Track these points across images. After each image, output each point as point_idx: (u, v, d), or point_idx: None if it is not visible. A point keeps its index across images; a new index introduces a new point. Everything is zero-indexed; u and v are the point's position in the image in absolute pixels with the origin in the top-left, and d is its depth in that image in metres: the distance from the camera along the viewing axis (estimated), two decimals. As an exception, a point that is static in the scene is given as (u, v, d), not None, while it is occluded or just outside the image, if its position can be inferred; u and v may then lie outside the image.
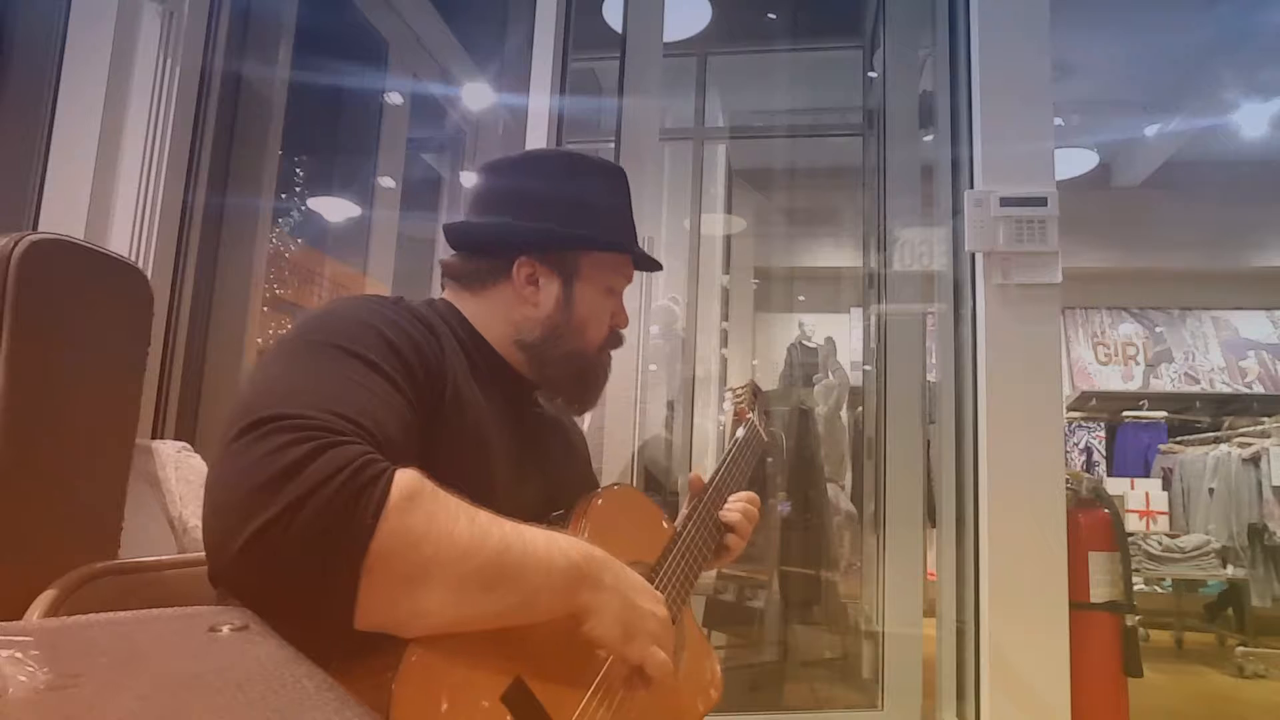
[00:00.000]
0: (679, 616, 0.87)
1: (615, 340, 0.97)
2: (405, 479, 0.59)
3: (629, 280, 0.98)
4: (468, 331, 0.89)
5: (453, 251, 0.95)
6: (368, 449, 0.60)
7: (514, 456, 0.85)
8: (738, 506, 1.04)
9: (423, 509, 0.59)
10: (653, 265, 1.01)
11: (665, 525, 0.94)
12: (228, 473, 0.58)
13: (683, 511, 1.00)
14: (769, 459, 3.08)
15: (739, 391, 1.20)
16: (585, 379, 0.95)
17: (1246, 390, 6.03)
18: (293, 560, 0.54)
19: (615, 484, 0.93)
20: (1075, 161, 5.22)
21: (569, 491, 0.89)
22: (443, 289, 0.95)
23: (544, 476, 0.90)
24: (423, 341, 0.76)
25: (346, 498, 0.56)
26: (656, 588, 0.83)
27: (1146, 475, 4.95)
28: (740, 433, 1.11)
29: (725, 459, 1.06)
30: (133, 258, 1.90)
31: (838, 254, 5.65)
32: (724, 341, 4.54)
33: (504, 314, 0.91)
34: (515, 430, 0.88)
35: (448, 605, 0.59)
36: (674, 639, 0.75)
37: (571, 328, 0.91)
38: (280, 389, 0.64)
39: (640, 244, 1.00)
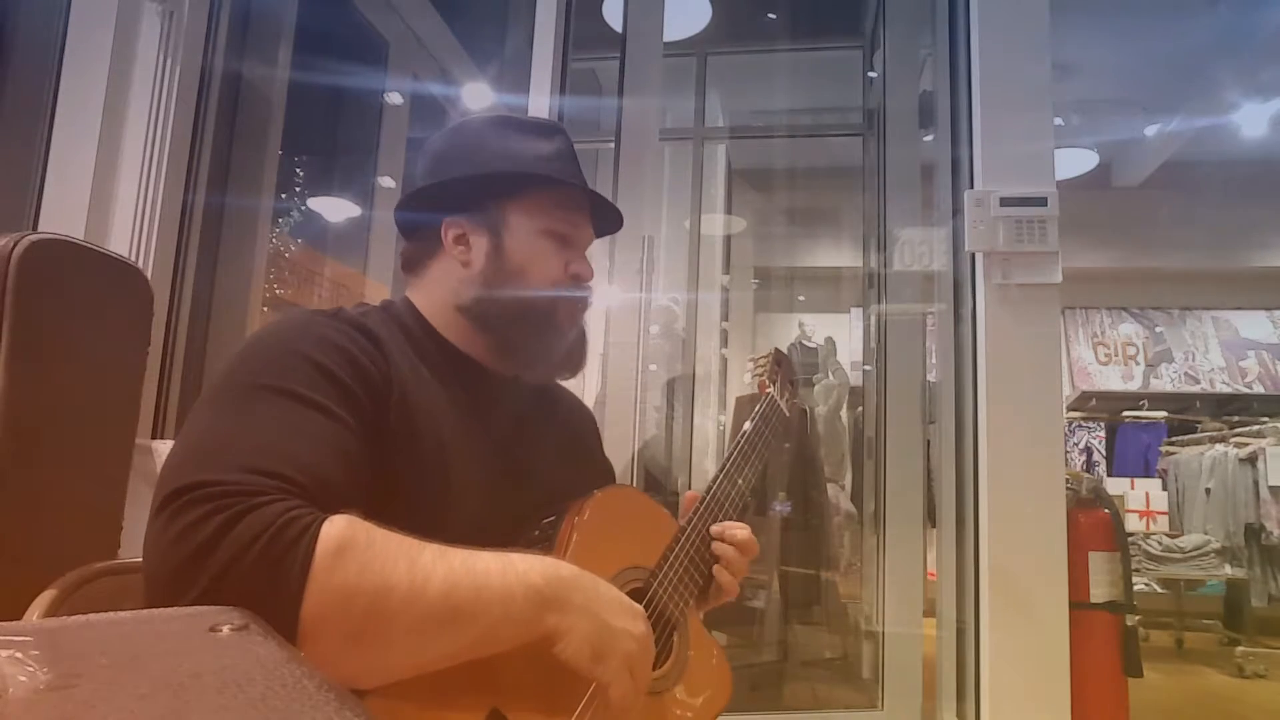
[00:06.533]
0: (682, 622, 0.83)
1: (576, 291, 0.89)
2: (332, 531, 0.56)
3: (574, 225, 0.89)
4: (423, 328, 0.85)
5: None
6: (291, 505, 0.56)
7: (488, 457, 0.81)
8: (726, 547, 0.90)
9: (354, 561, 0.55)
10: (596, 198, 0.91)
11: (669, 526, 0.89)
12: (150, 553, 0.56)
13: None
14: (786, 443, 3.02)
15: (760, 361, 1.10)
16: (540, 330, 0.86)
17: (1246, 390, 6.03)
18: None
19: (613, 485, 0.88)
20: (1075, 161, 5.22)
21: (572, 484, 0.85)
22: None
23: (533, 473, 0.85)
24: (361, 355, 0.72)
25: (268, 565, 0.53)
26: (654, 592, 0.80)
27: (1147, 475, 4.94)
28: (754, 417, 1.02)
29: (740, 439, 0.98)
30: (133, 258, 1.90)
31: (838, 254, 5.65)
32: (724, 341, 4.54)
33: (444, 287, 0.86)
34: (489, 429, 0.83)
35: (399, 656, 0.57)
36: (652, 654, 0.71)
37: (508, 273, 0.85)
38: (199, 450, 0.61)
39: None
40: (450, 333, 0.86)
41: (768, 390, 1.06)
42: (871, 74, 3.05)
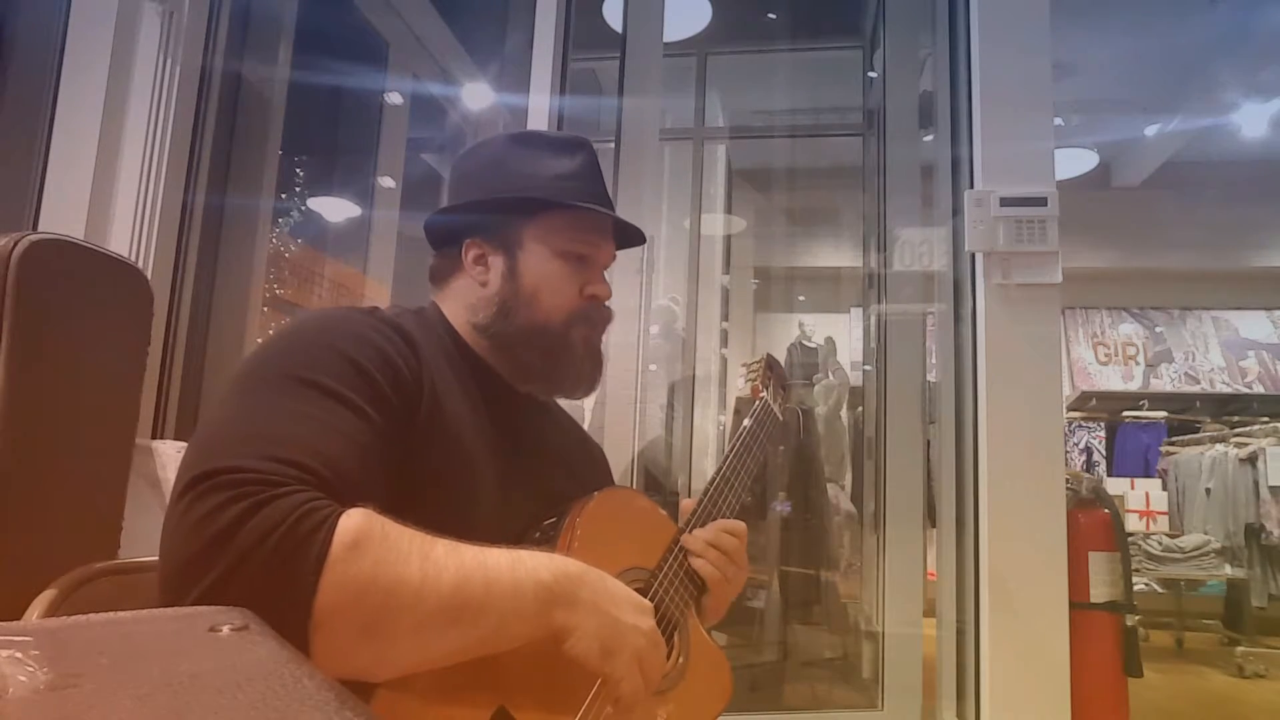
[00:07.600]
0: (682, 622, 0.84)
1: (593, 314, 0.90)
2: (349, 525, 0.56)
3: (592, 246, 0.90)
4: (450, 335, 0.87)
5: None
6: (311, 496, 0.57)
7: (503, 463, 0.82)
8: (704, 544, 0.88)
9: (369, 555, 0.56)
10: (611, 216, 0.91)
11: (668, 527, 0.90)
12: (169, 538, 0.56)
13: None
14: (781, 446, 3.04)
15: (752, 367, 1.13)
16: (554, 355, 0.88)
17: (1246, 390, 6.03)
18: None
19: (612, 487, 0.89)
20: (1075, 161, 5.22)
21: (574, 495, 0.85)
22: None
23: (541, 481, 0.86)
24: (395, 354, 0.73)
25: (284, 555, 0.53)
26: (655, 592, 0.81)
27: (1147, 475, 4.95)
28: (750, 416, 1.04)
29: (735, 443, 0.99)
30: (133, 258, 1.90)
31: (838, 254, 5.65)
32: (724, 341, 4.54)
33: (464, 303, 0.89)
34: (505, 435, 0.84)
35: (409, 650, 0.57)
36: (663, 650, 0.72)
37: (521, 299, 0.86)
38: (223, 436, 0.61)
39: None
40: (472, 342, 0.88)
41: (761, 394, 1.08)
42: (871, 74, 3.05)
